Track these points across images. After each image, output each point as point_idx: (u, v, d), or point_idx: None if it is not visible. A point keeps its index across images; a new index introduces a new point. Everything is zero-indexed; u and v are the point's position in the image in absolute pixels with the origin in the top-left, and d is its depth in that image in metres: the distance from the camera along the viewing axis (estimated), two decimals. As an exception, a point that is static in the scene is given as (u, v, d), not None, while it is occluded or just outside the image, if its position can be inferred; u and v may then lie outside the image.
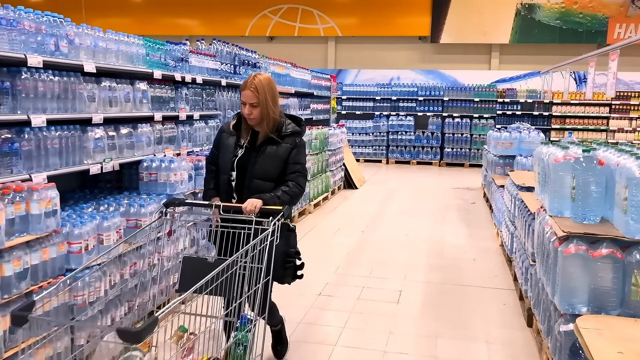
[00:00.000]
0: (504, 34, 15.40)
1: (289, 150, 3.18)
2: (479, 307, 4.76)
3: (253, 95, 3.10)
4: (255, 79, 3.13)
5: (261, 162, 3.16)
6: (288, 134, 3.21)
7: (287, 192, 3.11)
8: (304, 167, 3.25)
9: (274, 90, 3.19)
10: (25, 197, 2.91)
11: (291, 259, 3.10)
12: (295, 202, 3.20)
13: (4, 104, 3.05)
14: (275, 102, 3.18)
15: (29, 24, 3.17)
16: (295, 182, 3.17)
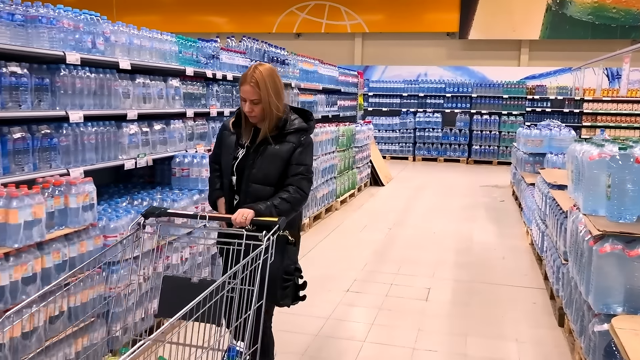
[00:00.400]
0: (534, 30, 15.17)
1: (291, 150, 2.76)
2: (509, 305, 4.71)
3: (253, 91, 2.70)
4: (255, 71, 2.72)
5: (260, 164, 2.76)
6: (292, 131, 2.79)
7: (287, 200, 2.70)
8: (308, 169, 2.82)
9: (277, 83, 2.78)
10: (64, 191, 2.99)
11: (290, 277, 2.68)
12: (296, 209, 2.77)
13: (44, 100, 3.12)
14: (279, 97, 2.77)
15: (68, 22, 3.25)
16: (297, 187, 2.74)
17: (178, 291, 2.29)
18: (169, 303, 2.31)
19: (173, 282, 2.42)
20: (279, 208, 2.67)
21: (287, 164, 2.76)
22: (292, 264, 2.70)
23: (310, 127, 2.87)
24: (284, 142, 2.77)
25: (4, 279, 2.52)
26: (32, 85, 3.03)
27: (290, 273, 2.68)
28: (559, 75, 14.75)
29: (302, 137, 2.80)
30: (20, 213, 2.60)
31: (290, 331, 3.99)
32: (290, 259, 2.70)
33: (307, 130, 2.85)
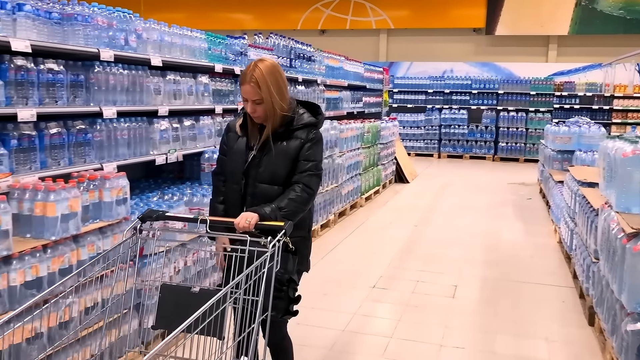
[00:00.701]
0: (562, 25, 14.93)
1: (300, 146, 2.60)
2: (537, 304, 4.67)
3: (254, 91, 2.52)
4: (255, 69, 2.52)
5: (267, 162, 2.60)
6: (300, 127, 2.63)
7: (294, 200, 2.53)
8: (317, 165, 2.65)
9: (279, 79, 2.58)
10: (98, 186, 3.05)
11: (282, 287, 2.38)
12: (305, 208, 2.59)
13: (79, 96, 3.19)
14: (282, 94, 2.57)
15: (102, 20, 3.31)
16: (305, 184, 2.57)
17: (177, 301, 2.14)
18: (167, 314, 2.16)
19: (172, 291, 2.22)
20: (286, 209, 2.50)
21: (295, 160, 2.61)
22: (287, 273, 2.42)
23: (319, 121, 2.71)
24: (292, 138, 2.62)
25: (42, 270, 2.59)
26: (68, 81, 3.10)
27: (283, 283, 2.38)
28: (588, 72, 14.48)
29: (311, 132, 2.65)
30: (57, 206, 2.67)
31: (317, 326, 4.02)
32: (287, 268, 2.42)
33: (316, 125, 2.69)
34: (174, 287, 2.29)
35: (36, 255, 2.59)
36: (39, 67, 2.90)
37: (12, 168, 2.75)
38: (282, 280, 2.37)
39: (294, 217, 2.50)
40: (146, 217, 2.38)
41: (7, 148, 2.72)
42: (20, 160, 2.81)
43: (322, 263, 5.51)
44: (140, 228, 2.35)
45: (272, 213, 2.45)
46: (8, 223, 2.44)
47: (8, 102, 2.72)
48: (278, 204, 2.50)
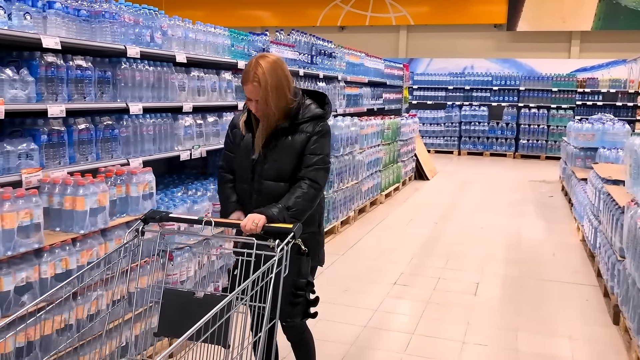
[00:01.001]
0: (585, 21, 14.73)
1: (306, 140, 2.50)
2: (560, 302, 4.63)
3: (256, 91, 2.44)
4: (257, 68, 2.43)
5: (271, 159, 2.50)
6: (306, 120, 2.53)
7: (302, 197, 2.42)
8: (324, 159, 2.53)
9: (280, 77, 2.47)
10: (125, 180, 3.10)
11: (301, 292, 2.33)
12: (313, 205, 2.49)
13: (106, 93, 3.24)
14: (280, 93, 2.46)
15: (129, 17, 3.35)
16: (311, 179, 2.47)
17: (180, 307, 2.05)
18: (170, 320, 2.08)
19: (174, 296, 2.14)
20: (294, 208, 2.40)
21: (302, 155, 2.51)
22: (303, 277, 2.34)
23: (326, 112, 2.59)
24: (298, 132, 2.51)
25: (71, 263, 2.64)
26: (96, 77, 3.15)
27: (300, 287, 2.33)
28: (612, 68, 14.28)
29: (317, 125, 2.54)
30: (86, 200, 2.72)
31: (339, 321, 4.04)
32: (301, 272, 2.34)
33: (323, 116, 2.58)
34: (177, 293, 2.20)
35: (66, 249, 2.64)
36: (68, 64, 2.95)
37: (42, 163, 2.80)
38: (300, 285, 2.32)
39: (303, 216, 2.42)
40: (149, 218, 2.29)
41: (37, 143, 2.78)
42: (50, 155, 2.87)
43: (343, 259, 5.52)
44: (142, 230, 2.27)
45: (280, 214, 2.36)
46: (40, 216, 2.49)
47: (39, 97, 2.78)
48: (285, 203, 2.41)
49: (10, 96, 2.62)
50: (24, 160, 2.69)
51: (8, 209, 2.34)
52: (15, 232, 2.38)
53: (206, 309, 1.77)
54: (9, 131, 2.84)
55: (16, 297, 2.40)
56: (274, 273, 2.02)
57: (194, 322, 1.69)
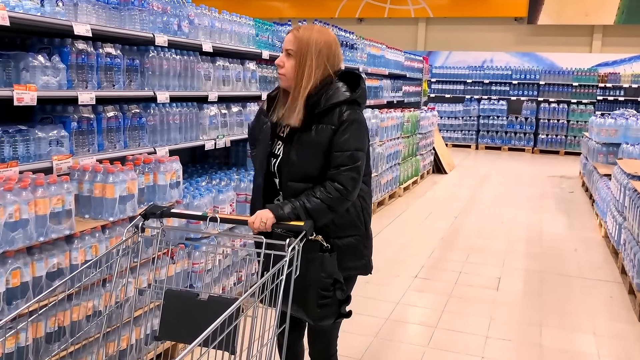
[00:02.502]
0: (608, 14, 14.48)
1: (330, 135, 2.14)
2: (584, 298, 4.58)
3: (291, 39, 2.16)
4: (309, 29, 2.18)
5: (294, 158, 2.19)
6: (330, 108, 2.15)
7: (323, 200, 2.12)
8: (353, 156, 2.15)
9: (331, 49, 2.18)
10: (153, 169, 3.10)
11: (328, 292, 2.11)
12: (335, 210, 2.16)
13: (134, 81, 3.24)
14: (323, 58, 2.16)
15: (157, 5, 3.35)
16: (336, 183, 2.13)
17: (183, 309, 1.94)
18: (172, 323, 1.96)
19: (177, 298, 2.02)
20: (310, 207, 2.11)
21: (329, 152, 2.16)
22: (330, 276, 2.11)
23: (357, 97, 2.20)
24: (321, 125, 2.16)
25: (101, 250, 2.65)
26: (124, 65, 3.15)
27: (326, 288, 2.11)
28: (635, 63, 14.03)
29: (343, 112, 2.14)
30: (116, 188, 2.72)
31: (362, 314, 4.02)
32: (327, 270, 2.11)
33: (350, 102, 2.17)
34: (180, 294, 2.09)
35: (95, 236, 2.66)
36: (98, 51, 2.95)
37: (71, 150, 2.81)
38: (326, 285, 2.10)
39: (320, 219, 2.14)
40: (149, 213, 2.12)
41: (67, 130, 2.79)
42: (80, 143, 2.88)
43: (363, 251, 5.50)
44: (142, 226, 2.11)
45: (293, 213, 2.10)
46: (71, 203, 2.50)
47: (69, 85, 2.78)
48: (302, 201, 2.13)
49: (42, 83, 2.62)
50: (54, 147, 2.70)
51: (41, 195, 2.36)
52: (47, 218, 2.40)
53: (211, 313, 1.68)
54: (40, 118, 2.85)
55: (48, 282, 2.41)
56: (284, 275, 1.87)
57: (198, 326, 1.59)
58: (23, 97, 2.43)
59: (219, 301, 1.93)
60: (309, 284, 2.08)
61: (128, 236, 2.12)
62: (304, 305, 2.12)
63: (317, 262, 2.10)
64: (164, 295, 2.04)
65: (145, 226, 2.14)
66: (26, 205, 2.28)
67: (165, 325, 2.00)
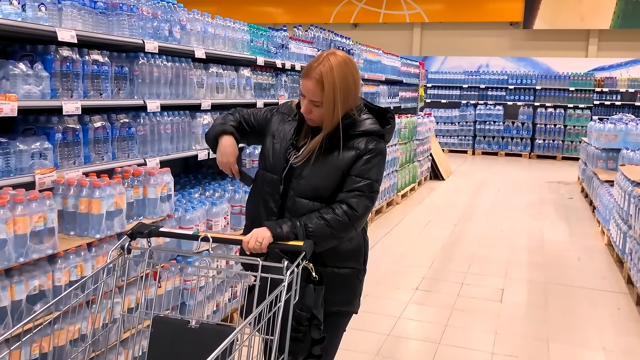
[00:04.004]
0: (604, 19, 14.42)
1: (354, 158, 2.06)
2: (590, 310, 4.44)
3: (315, 90, 2.01)
4: (324, 63, 2.01)
5: (309, 174, 2.06)
6: (359, 134, 2.08)
7: (330, 223, 1.98)
8: (372, 185, 2.06)
9: (350, 80, 2.04)
10: (142, 181, 2.95)
11: (301, 327, 1.91)
12: (340, 236, 2.03)
13: (123, 89, 3.09)
14: (347, 99, 2.04)
15: (147, 10, 3.20)
16: (350, 207, 2.01)
17: (172, 338, 1.81)
18: (161, 353, 1.83)
19: (165, 325, 1.88)
20: (314, 232, 1.96)
21: (346, 175, 2.06)
22: (306, 311, 1.91)
23: (386, 132, 2.13)
24: (347, 147, 2.06)
25: (87, 270, 2.49)
26: (112, 73, 3.00)
27: (300, 322, 1.90)
28: (631, 67, 13.98)
29: (370, 142, 2.08)
30: (103, 203, 2.57)
31: (361, 329, 3.86)
32: (305, 303, 1.91)
33: (380, 134, 2.11)
34: (169, 321, 1.97)
35: (81, 254, 2.50)
36: (84, 58, 2.80)
37: (56, 162, 2.66)
38: (301, 319, 1.90)
39: (322, 244, 1.98)
40: (136, 233, 1.97)
41: (51, 142, 2.63)
42: (65, 155, 2.72)
43: (362, 262, 5.35)
44: (128, 247, 1.95)
45: (292, 232, 1.95)
46: (54, 221, 2.35)
47: (53, 94, 2.63)
48: (305, 221, 1.99)
49: (24, 92, 2.47)
50: (37, 160, 2.55)
51: (21, 213, 2.20)
52: (28, 238, 2.24)
53: (203, 343, 1.58)
54: (22, 129, 2.70)
55: (28, 306, 2.25)
56: (283, 301, 1.70)
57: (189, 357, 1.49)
58: (2, 107, 2.28)
59: (211, 330, 1.81)
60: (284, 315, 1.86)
61: (113, 257, 1.96)
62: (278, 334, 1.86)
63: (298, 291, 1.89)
64: (152, 323, 1.88)
65: (131, 247, 1.97)
66: (4, 224, 2.13)
67: (153, 355, 1.85)
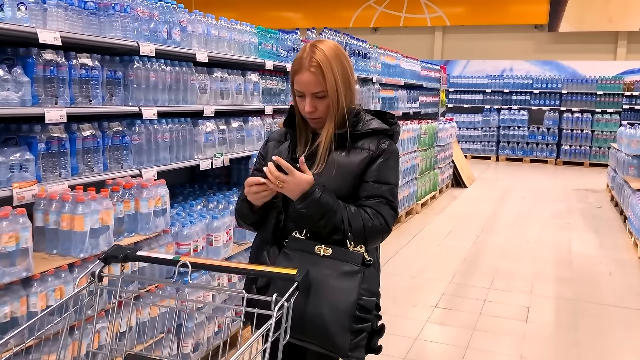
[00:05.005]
0: (633, 20, 13.92)
1: (367, 160, 1.87)
2: (625, 332, 4.10)
3: (316, 81, 1.83)
4: (315, 51, 1.83)
5: (320, 178, 1.84)
6: (367, 133, 1.90)
7: (367, 222, 1.83)
8: (392, 190, 1.90)
9: (346, 65, 1.89)
10: (134, 195, 2.73)
11: (367, 316, 1.74)
12: (372, 241, 1.86)
13: (116, 95, 2.88)
14: (349, 85, 1.90)
15: (142, 10, 2.99)
16: (376, 211, 1.85)
17: None
18: None
19: None
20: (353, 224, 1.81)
21: (360, 180, 1.87)
22: (372, 295, 1.78)
23: (394, 130, 1.97)
24: (356, 148, 1.89)
25: (67, 293, 2.27)
26: (104, 78, 2.79)
27: (367, 310, 1.75)
28: (662, 70, 13.48)
29: (383, 142, 1.91)
30: (86, 219, 2.35)
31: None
32: (371, 289, 1.78)
33: (390, 133, 1.95)
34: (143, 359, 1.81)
35: (61, 276, 2.28)
36: (71, 62, 2.59)
37: (38, 175, 2.45)
38: (369, 306, 1.74)
39: (359, 239, 1.80)
40: (110, 257, 1.74)
41: (33, 153, 2.42)
42: (49, 167, 2.51)
43: (378, 276, 5.07)
44: (99, 273, 1.69)
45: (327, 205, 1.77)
46: (28, 240, 2.13)
47: (35, 100, 2.43)
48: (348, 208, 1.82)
49: (1, 99, 2.27)
50: (17, 173, 2.34)
51: (-11, 232, 1.99)
52: (-2, 259, 2.03)
53: None
54: (3, 139, 2.50)
55: (-1, 335, 2.03)
56: (270, 341, 1.45)
57: None
58: (-27, 115, 2.08)
59: None
60: (338, 304, 1.72)
61: (82, 286, 1.72)
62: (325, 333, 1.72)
63: (355, 276, 1.76)
64: None
65: (103, 274, 1.73)
66: (-32, 246, 1.92)
67: None
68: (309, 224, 1.83)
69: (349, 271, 1.76)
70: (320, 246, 1.80)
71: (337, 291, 1.73)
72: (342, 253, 1.79)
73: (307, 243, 1.82)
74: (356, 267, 1.77)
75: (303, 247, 1.82)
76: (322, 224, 1.80)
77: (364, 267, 1.78)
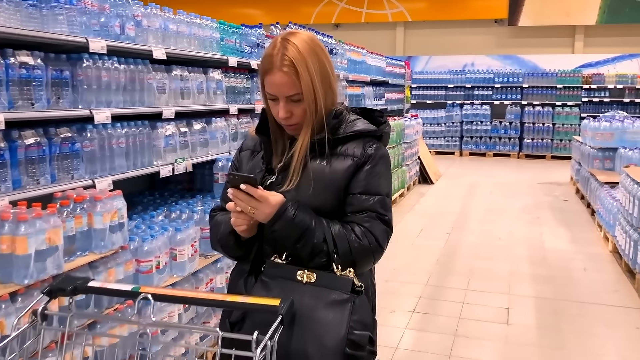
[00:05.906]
0: (590, 15, 14.13)
1: (352, 168, 1.63)
2: (607, 331, 4.00)
3: (290, 82, 1.58)
4: (287, 47, 1.58)
5: (296, 194, 1.61)
6: (350, 136, 1.66)
7: (354, 242, 1.58)
8: (384, 202, 1.64)
9: (325, 60, 1.65)
10: (87, 209, 2.44)
11: (359, 353, 1.49)
12: (362, 264, 1.63)
13: (63, 97, 2.57)
14: (329, 84, 1.67)
15: (91, 3, 2.69)
16: (366, 229, 1.60)
17: None
18: None
19: None
20: (338, 244, 1.56)
21: (346, 192, 1.63)
22: (363, 328, 1.52)
23: (383, 131, 1.72)
24: (339, 155, 1.64)
25: (8, 328, 1.97)
26: (48, 79, 2.48)
27: (359, 346, 1.49)
28: (618, 63, 13.71)
29: (369, 146, 1.65)
30: (30, 241, 2.05)
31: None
32: (362, 319, 1.52)
33: (377, 135, 1.70)
34: None
35: (1, 307, 1.98)
36: (8, 61, 2.28)
37: (-27, 191, 2.14)
38: (361, 342, 1.48)
39: (346, 259, 1.56)
40: (56, 290, 1.42)
41: (-34, 165, 2.11)
42: (-15, 180, 2.20)
43: (351, 281, 4.87)
44: (43, 312, 1.37)
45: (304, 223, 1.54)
46: (-42, 269, 1.83)
47: (-34, 106, 2.11)
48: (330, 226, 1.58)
49: None
50: (-54, 189, 2.03)
51: None
52: None
53: None
54: None
55: None
56: None
57: None
58: None
59: None
60: (325, 340, 1.45)
61: (22, 327, 1.41)
62: None
63: (344, 306, 1.50)
64: None
65: (47, 312, 1.42)
66: None
67: None
68: (286, 247, 1.58)
69: (336, 300, 1.51)
70: (302, 271, 1.55)
71: (324, 325, 1.47)
72: (329, 279, 1.53)
73: (287, 268, 1.56)
74: (345, 295, 1.51)
75: (283, 273, 1.56)
76: (300, 246, 1.55)
77: (353, 295, 1.53)
